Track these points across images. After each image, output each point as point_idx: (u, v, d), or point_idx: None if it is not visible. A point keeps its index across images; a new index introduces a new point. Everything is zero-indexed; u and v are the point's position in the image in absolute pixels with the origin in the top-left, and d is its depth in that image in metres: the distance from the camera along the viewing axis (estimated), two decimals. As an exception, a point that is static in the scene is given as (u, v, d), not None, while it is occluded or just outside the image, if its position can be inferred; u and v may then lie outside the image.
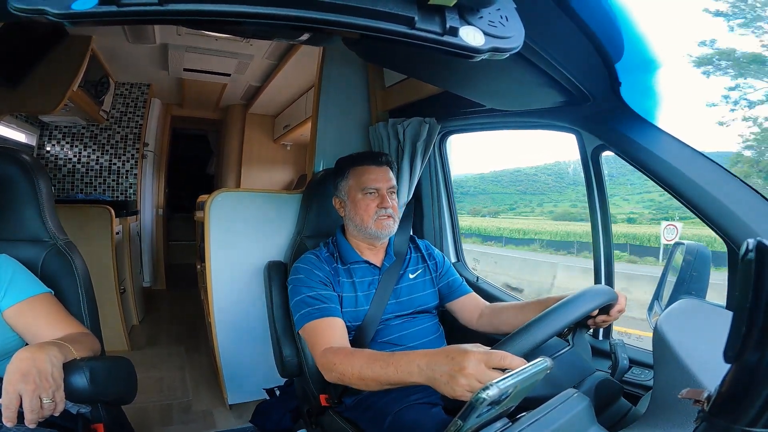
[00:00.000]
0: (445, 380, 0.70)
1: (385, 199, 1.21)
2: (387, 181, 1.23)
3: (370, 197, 1.21)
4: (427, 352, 0.78)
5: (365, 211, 1.20)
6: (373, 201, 1.20)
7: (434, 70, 1.09)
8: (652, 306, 1.03)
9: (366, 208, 1.20)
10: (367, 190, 1.21)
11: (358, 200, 1.21)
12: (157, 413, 1.96)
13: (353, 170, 1.23)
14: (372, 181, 1.21)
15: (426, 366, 0.75)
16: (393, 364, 0.82)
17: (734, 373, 0.39)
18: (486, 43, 0.51)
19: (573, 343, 0.92)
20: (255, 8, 0.45)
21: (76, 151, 3.59)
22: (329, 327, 1.06)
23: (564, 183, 18.21)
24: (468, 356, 0.68)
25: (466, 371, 0.67)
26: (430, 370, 0.74)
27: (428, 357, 0.76)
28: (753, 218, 0.83)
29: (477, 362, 0.67)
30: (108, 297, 2.52)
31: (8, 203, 1.04)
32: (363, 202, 1.21)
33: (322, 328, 1.06)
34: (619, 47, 0.84)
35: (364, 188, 1.21)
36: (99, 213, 2.53)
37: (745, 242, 0.37)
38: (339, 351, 0.97)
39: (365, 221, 1.20)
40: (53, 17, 0.41)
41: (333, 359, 0.95)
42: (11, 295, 0.88)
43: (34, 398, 0.68)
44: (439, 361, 0.73)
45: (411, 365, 0.78)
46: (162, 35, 2.64)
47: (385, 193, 1.21)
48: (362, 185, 1.21)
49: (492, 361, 0.67)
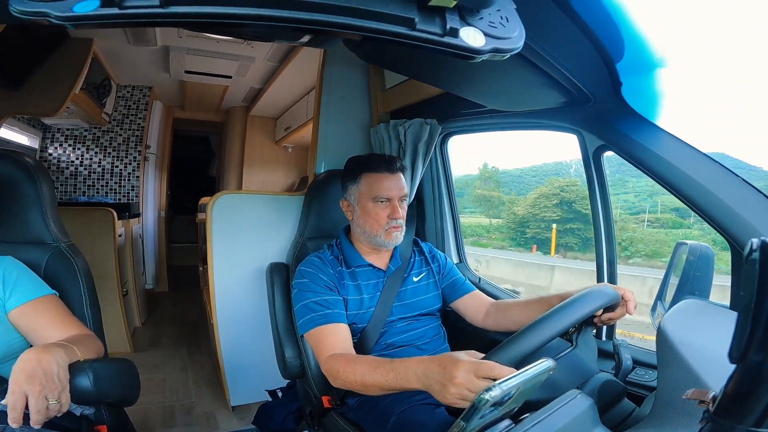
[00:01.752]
0: (438, 388, 0.73)
1: (397, 210, 1.17)
2: (400, 189, 1.18)
3: (381, 206, 1.17)
4: (423, 359, 0.81)
5: (375, 221, 1.17)
6: (384, 210, 1.17)
7: (435, 72, 1.09)
8: (656, 307, 1.02)
9: (376, 217, 1.17)
10: (378, 199, 1.17)
11: (369, 208, 1.17)
12: (160, 415, 1.96)
13: (366, 176, 1.19)
14: (385, 190, 1.17)
15: (422, 373, 0.78)
16: (393, 371, 0.85)
17: (739, 374, 0.39)
18: (486, 44, 0.51)
19: (576, 343, 0.92)
20: (256, 10, 0.45)
21: (79, 154, 3.61)
22: (333, 333, 1.06)
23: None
24: (458, 366, 0.70)
25: (456, 381, 0.70)
26: (425, 377, 0.77)
27: (424, 364, 0.78)
28: (757, 218, 0.83)
29: (466, 372, 0.69)
30: (110, 299, 2.52)
31: (11, 206, 1.05)
32: (374, 211, 1.17)
33: (326, 334, 1.06)
34: (620, 47, 0.84)
35: (375, 197, 1.17)
36: (101, 215, 2.54)
37: (750, 242, 0.37)
38: (342, 358, 0.98)
39: (375, 230, 1.17)
40: (55, 20, 0.41)
41: (337, 366, 0.97)
42: (16, 297, 0.89)
43: (40, 399, 0.68)
44: (433, 369, 0.75)
45: (408, 372, 0.81)
46: (163, 37, 2.65)
47: (396, 204, 1.17)
48: (374, 194, 1.17)
49: (481, 371, 0.69)
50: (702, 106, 23.43)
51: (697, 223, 14.07)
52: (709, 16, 38.31)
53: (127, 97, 3.69)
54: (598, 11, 0.75)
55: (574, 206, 15.75)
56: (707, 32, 35.53)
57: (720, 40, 37.78)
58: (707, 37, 35.68)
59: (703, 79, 28.31)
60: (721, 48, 37.39)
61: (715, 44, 37.53)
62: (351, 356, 1.00)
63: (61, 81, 2.42)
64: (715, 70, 33.46)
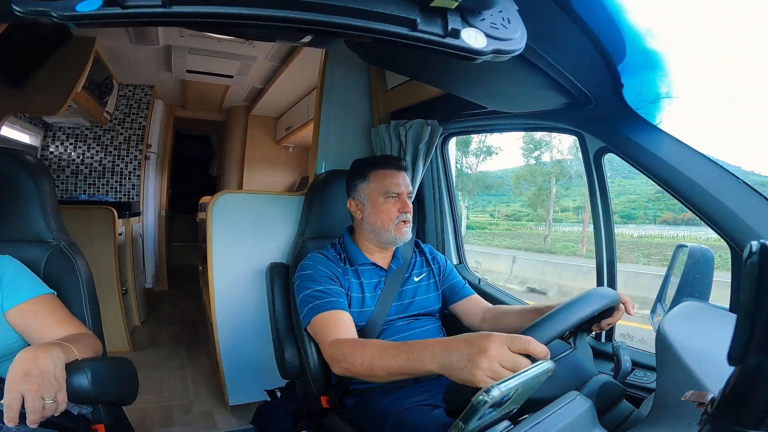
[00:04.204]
0: (463, 365, 0.66)
1: (407, 203, 1.21)
2: (407, 185, 1.23)
3: (391, 201, 1.20)
4: (442, 339, 0.75)
5: (387, 215, 1.20)
6: (395, 205, 1.20)
7: (436, 72, 1.09)
8: (655, 308, 1.03)
9: (388, 212, 1.20)
10: (389, 194, 1.20)
11: (380, 204, 1.20)
12: (158, 414, 1.96)
13: (375, 173, 1.22)
14: (394, 185, 1.21)
15: (441, 351, 0.72)
16: (404, 352, 0.79)
17: (738, 376, 0.39)
18: (488, 45, 0.52)
19: (575, 345, 0.92)
20: (258, 10, 0.45)
21: (80, 152, 3.61)
22: (337, 319, 1.05)
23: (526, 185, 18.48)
24: (490, 339, 0.65)
25: (489, 353, 0.64)
26: (445, 355, 0.70)
27: (444, 343, 0.73)
28: (756, 220, 0.83)
29: (500, 345, 0.64)
30: (110, 298, 2.52)
31: (12, 204, 1.05)
32: (385, 206, 1.20)
33: (331, 320, 1.05)
34: (621, 49, 0.84)
35: (386, 192, 1.20)
36: (102, 214, 2.54)
37: (749, 244, 0.37)
38: (348, 341, 0.96)
39: (386, 225, 1.20)
40: (58, 19, 0.41)
41: (342, 349, 0.93)
42: (14, 296, 0.88)
43: (37, 398, 0.68)
44: (456, 346, 0.69)
45: (424, 352, 0.75)
46: (165, 37, 2.65)
47: (405, 198, 1.21)
48: (385, 189, 1.20)
49: (516, 345, 0.64)
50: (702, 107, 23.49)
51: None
52: (709, 17, 38.33)
53: (128, 96, 3.69)
54: (600, 13, 0.75)
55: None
56: (708, 33, 35.55)
57: (721, 40, 37.79)
58: (708, 38, 35.70)
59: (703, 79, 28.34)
60: (721, 48, 37.40)
61: (716, 45, 37.54)
62: (358, 340, 0.98)
63: (63, 80, 2.42)
64: (714, 70, 33.47)
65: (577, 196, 18.09)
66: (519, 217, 20.15)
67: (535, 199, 17.83)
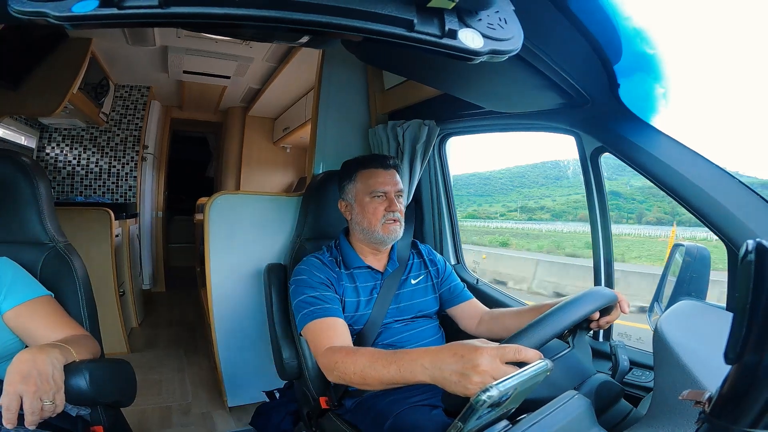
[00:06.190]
0: (456, 379, 0.66)
1: (393, 202, 1.19)
2: (395, 184, 1.21)
3: (378, 201, 1.19)
4: (430, 349, 0.74)
5: (373, 215, 1.19)
6: (381, 204, 1.19)
7: (433, 73, 1.10)
8: (652, 307, 1.03)
9: (374, 212, 1.19)
10: (375, 194, 1.19)
11: (366, 203, 1.19)
12: (157, 416, 1.95)
13: (361, 173, 1.22)
14: (380, 184, 1.19)
15: (431, 365, 0.71)
16: (395, 363, 0.78)
17: (735, 375, 0.39)
18: (485, 45, 0.52)
19: (573, 344, 0.92)
20: (255, 11, 0.45)
21: (76, 154, 3.59)
22: (331, 327, 1.05)
23: (514, 185, 18.53)
24: (480, 352, 0.64)
25: (480, 368, 0.63)
26: (436, 369, 0.70)
27: (432, 355, 0.72)
28: (752, 219, 0.83)
29: (491, 358, 0.64)
30: (107, 299, 2.51)
31: (8, 206, 1.04)
32: (371, 206, 1.19)
33: (324, 327, 1.05)
34: (618, 49, 0.84)
35: (372, 191, 1.19)
36: (98, 215, 2.53)
37: (745, 243, 0.37)
38: (341, 350, 0.95)
39: (373, 225, 1.19)
40: (54, 20, 0.41)
41: (335, 358, 0.92)
42: (11, 298, 0.88)
43: (35, 400, 0.68)
44: (446, 359, 0.69)
45: (414, 364, 0.75)
46: (162, 38, 2.64)
47: (393, 197, 1.20)
48: (370, 188, 1.19)
49: (506, 356, 0.64)
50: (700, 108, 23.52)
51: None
52: (706, 18, 38.46)
53: (125, 97, 3.68)
54: (596, 13, 0.76)
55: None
56: (705, 33, 35.65)
57: (718, 41, 37.94)
58: (705, 38, 35.80)
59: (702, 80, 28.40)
60: (719, 49, 37.53)
61: (713, 46, 37.67)
62: (350, 348, 0.98)
63: (59, 81, 2.41)
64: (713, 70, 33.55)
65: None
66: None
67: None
